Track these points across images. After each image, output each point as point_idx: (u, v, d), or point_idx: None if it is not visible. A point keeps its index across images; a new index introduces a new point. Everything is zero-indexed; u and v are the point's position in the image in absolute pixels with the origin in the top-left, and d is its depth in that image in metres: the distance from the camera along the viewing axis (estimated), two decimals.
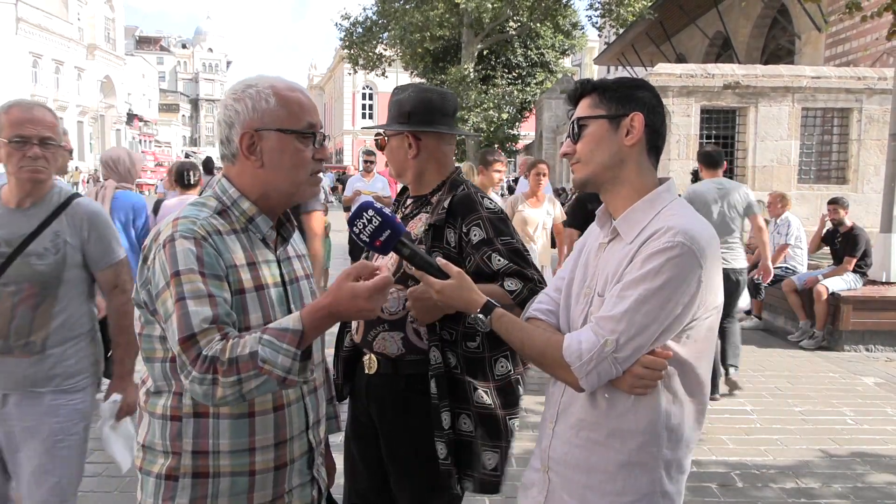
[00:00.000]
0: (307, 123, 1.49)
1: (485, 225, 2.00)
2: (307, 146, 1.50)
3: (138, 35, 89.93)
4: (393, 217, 1.57)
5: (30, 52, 43.04)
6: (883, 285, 7.23)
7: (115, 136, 57.20)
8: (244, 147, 1.47)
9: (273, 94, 1.47)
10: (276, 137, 1.47)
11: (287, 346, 1.29)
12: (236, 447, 1.43)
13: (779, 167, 11.48)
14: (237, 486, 1.44)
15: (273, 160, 1.47)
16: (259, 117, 1.46)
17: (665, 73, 11.32)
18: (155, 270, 1.39)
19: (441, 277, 1.59)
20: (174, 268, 1.35)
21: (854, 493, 3.69)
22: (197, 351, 1.30)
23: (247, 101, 1.47)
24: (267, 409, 1.46)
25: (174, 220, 1.42)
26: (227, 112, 1.48)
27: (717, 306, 1.49)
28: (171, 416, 1.43)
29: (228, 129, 1.48)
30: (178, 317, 1.32)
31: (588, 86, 1.59)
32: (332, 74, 66.94)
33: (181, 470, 1.42)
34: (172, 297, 1.34)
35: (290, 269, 1.59)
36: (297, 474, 1.53)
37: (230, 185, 1.50)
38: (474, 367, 1.99)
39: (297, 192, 1.52)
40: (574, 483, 1.55)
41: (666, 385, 1.47)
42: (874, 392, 5.51)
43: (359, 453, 2.20)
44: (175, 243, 1.37)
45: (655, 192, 1.54)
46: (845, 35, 15.38)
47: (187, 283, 1.34)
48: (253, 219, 1.50)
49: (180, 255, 1.36)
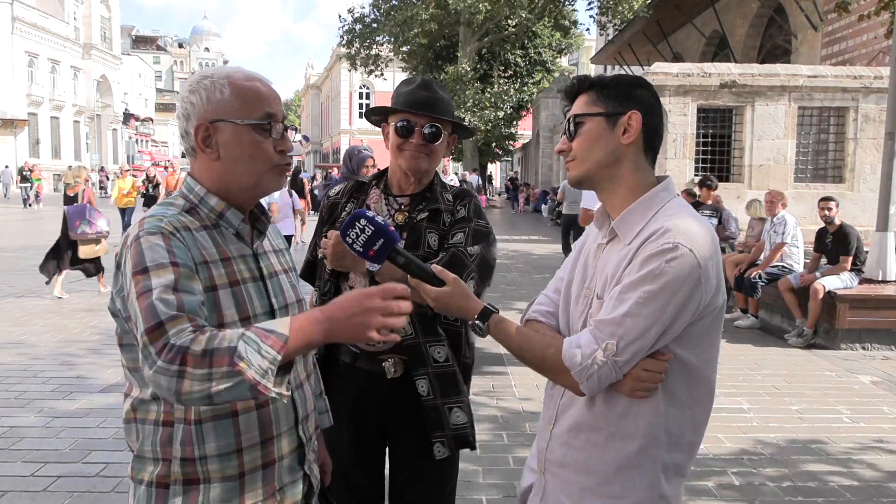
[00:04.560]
0: (264, 114, 1.45)
1: (469, 207, 2.11)
2: (265, 137, 1.45)
3: (135, 34, 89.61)
4: (386, 225, 1.55)
5: (26, 51, 42.92)
6: (879, 284, 7.25)
7: (112, 136, 57.07)
8: (199, 140, 1.43)
9: (228, 85, 1.43)
10: (231, 129, 1.43)
11: (269, 348, 1.20)
12: (223, 450, 1.40)
13: (775, 166, 11.50)
14: (228, 491, 1.41)
15: (229, 153, 1.44)
16: (213, 109, 1.42)
17: (662, 73, 11.33)
18: (125, 273, 1.34)
19: (436, 285, 1.58)
20: (141, 265, 1.30)
21: (851, 490, 3.70)
22: (165, 340, 1.21)
23: (201, 92, 1.43)
24: (250, 407, 1.42)
25: (140, 221, 1.38)
26: (184, 105, 1.45)
27: (719, 306, 1.47)
28: (164, 420, 1.39)
29: (185, 123, 1.44)
30: (144, 308, 1.25)
31: (585, 83, 1.57)
32: (329, 74, 66.81)
33: (171, 477, 1.39)
34: (137, 292, 1.28)
35: (269, 264, 1.55)
36: (286, 471, 1.50)
37: (195, 183, 1.47)
38: (428, 325, 2.02)
39: (259, 183, 1.48)
40: (572, 485, 1.54)
41: (666, 388, 1.46)
42: (870, 390, 5.52)
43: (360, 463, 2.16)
44: (141, 241, 1.33)
45: (653, 192, 1.52)
46: (841, 34, 15.41)
47: (155, 278, 1.28)
48: (223, 214, 1.47)
49: (147, 251, 1.31)
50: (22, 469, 3.78)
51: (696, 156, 11.49)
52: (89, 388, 5.17)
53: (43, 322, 7.40)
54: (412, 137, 2.02)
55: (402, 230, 2.05)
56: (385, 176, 2.17)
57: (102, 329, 7.08)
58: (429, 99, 2.03)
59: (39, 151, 43.34)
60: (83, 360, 5.96)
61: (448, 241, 2.04)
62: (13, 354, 6.07)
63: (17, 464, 3.86)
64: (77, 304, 8.44)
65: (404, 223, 2.07)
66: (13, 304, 8.33)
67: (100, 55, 53.35)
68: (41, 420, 4.52)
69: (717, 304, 1.46)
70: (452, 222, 2.07)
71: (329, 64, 67.00)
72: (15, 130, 40.76)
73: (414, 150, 2.02)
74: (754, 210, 8.97)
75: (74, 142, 49.02)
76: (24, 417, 4.57)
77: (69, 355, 6.09)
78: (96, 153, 51.61)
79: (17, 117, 40.67)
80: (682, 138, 11.30)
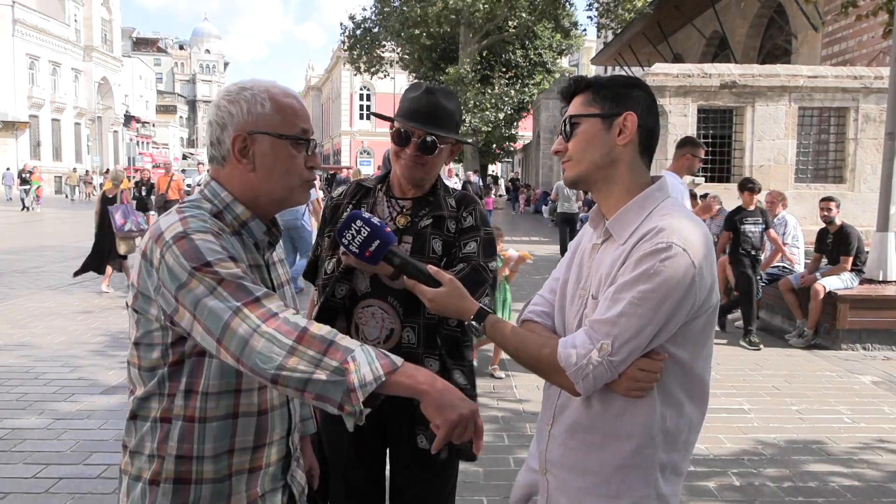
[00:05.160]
0: (301, 129, 1.48)
1: (475, 214, 2.12)
2: (300, 152, 1.48)
3: (135, 36, 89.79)
4: (382, 226, 1.55)
5: (27, 53, 42.99)
6: (880, 284, 7.24)
7: (113, 138, 57.12)
8: (236, 150, 1.45)
9: (269, 99, 1.45)
10: (269, 142, 1.45)
11: (379, 366, 1.24)
12: (218, 450, 1.41)
13: (776, 166, 11.49)
14: (218, 492, 1.42)
15: (265, 164, 1.45)
16: (253, 121, 1.44)
17: (662, 73, 11.33)
18: (169, 269, 1.32)
19: (432, 285, 1.59)
20: (201, 260, 1.30)
21: (851, 491, 3.70)
22: (267, 311, 1.26)
23: (242, 103, 1.44)
24: (252, 412, 1.44)
25: (181, 219, 1.38)
26: (221, 113, 1.45)
27: (713, 306, 1.48)
28: (162, 417, 1.40)
29: (220, 131, 1.46)
30: (234, 289, 1.28)
31: (582, 83, 1.57)
32: (330, 76, 66.88)
33: (163, 475, 1.40)
34: (210, 284, 1.28)
35: (277, 275, 1.59)
36: (269, 479, 1.50)
37: (221, 189, 1.48)
38: (454, 346, 2.05)
39: (290, 197, 1.51)
40: (570, 486, 1.55)
41: (662, 387, 1.46)
42: (871, 391, 5.52)
43: (360, 464, 2.16)
44: (192, 237, 1.33)
45: (648, 192, 1.52)
46: (842, 34, 15.40)
47: (223, 269, 1.29)
48: (246, 223, 1.48)
49: (202, 247, 1.31)
50: (24, 471, 3.79)
51: None
52: (91, 390, 5.18)
53: (44, 324, 7.41)
54: (408, 147, 2.01)
55: (405, 234, 2.05)
56: (388, 178, 2.18)
57: (103, 330, 7.09)
58: (430, 109, 2.01)
59: (40, 154, 43.41)
60: (84, 361, 5.97)
61: (461, 252, 2.04)
62: (15, 356, 6.07)
63: (18, 465, 3.86)
64: (77, 305, 8.45)
65: (406, 226, 2.07)
66: (14, 307, 8.34)
67: (101, 57, 53.41)
68: (43, 422, 4.53)
69: (711, 304, 1.46)
70: (461, 230, 2.08)
71: (330, 65, 67.07)
72: (16, 133, 40.81)
73: (409, 159, 2.02)
74: None
75: (75, 144, 49.09)
76: (26, 419, 4.58)
77: (70, 357, 6.09)
78: (97, 155, 51.64)
79: (18, 119, 40.74)
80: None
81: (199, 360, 1.39)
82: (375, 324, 2.01)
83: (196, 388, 1.39)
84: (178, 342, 1.38)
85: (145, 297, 1.38)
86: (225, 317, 1.26)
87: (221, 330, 1.26)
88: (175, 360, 1.38)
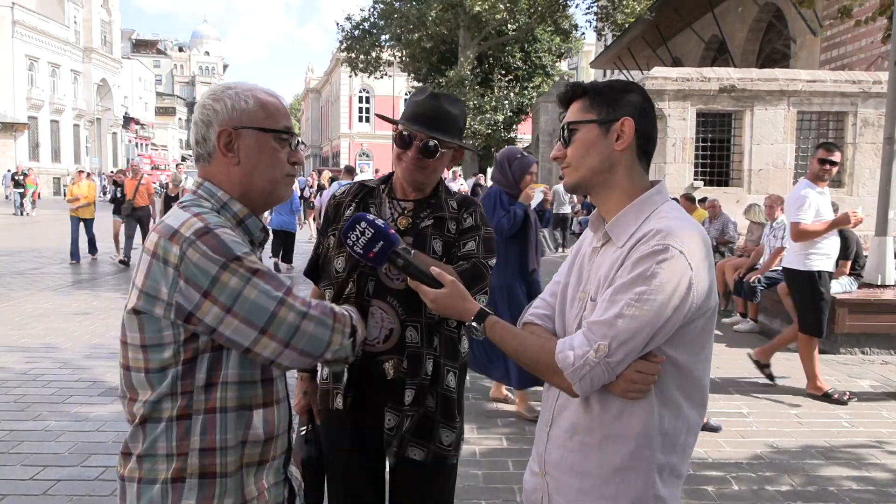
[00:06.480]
0: (284, 126, 1.53)
1: (476, 215, 2.13)
2: (283, 147, 1.53)
3: (135, 38, 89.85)
4: (386, 227, 1.57)
5: (26, 55, 42.97)
6: (878, 288, 7.25)
7: (112, 140, 57.13)
8: (221, 144, 1.48)
9: (252, 97, 1.50)
10: (254, 136, 1.49)
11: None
12: (237, 440, 1.43)
13: (775, 170, 11.50)
14: (236, 484, 1.44)
15: (250, 158, 1.49)
16: (238, 116, 1.48)
17: (661, 77, 11.34)
18: (195, 264, 1.33)
19: (435, 287, 1.61)
20: (230, 254, 1.35)
21: (850, 494, 3.70)
22: (303, 298, 1.41)
23: (226, 100, 1.49)
24: (263, 404, 1.47)
25: (196, 215, 1.40)
26: (206, 111, 1.49)
27: (711, 308, 1.48)
28: (179, 416, 1.40)
29: (206, 129, 1.49)
30: (268, 279, 1.38)
31: (579, 89, 1.59)
32: (329, 78, 66.92)
33: (188, 470, 1.40)
34: (246, 273, 1.35)
35: None
36: (273, 472, 1.53)
37: (216, 188, 1.50)
38: (451, 347, 2.06)
39: (274, 190, 1.54)
40: (569, 487, 1.55)
41: (660, 389, 1.47)
42: (870, 395, 5.52)
43: (360, 465, 2.16)
44: (216, 233, 1.36)
45: (646, 195, 1.54)
46: (840, 39, 15.44)
47: (253, 264, 1.37)
48: (244, 220, 1.51)
49: (229, 242, 1.36)
50: (21, 473, 3.79)
51: (695, 160, 11.49)
52: (89, 392, 5.18)
53: (42, 326, 7.40)
54: (409, 150, 2.02)
55: (406, 234, 2.05)
56: (391, 179, 2.19)
57: (101, 333, 7.09)
58: (434, 113, 2.02)
59: (39, 155, 43.37)
60: (83, 363, 5.96)
61: (461, 250, 2.06)
62: (13, 359, 6.07)
63: (16, 467, 3.86)
64: (76, 307, 8.45)
65: (408, 227, 2.08)
66: (12, 309, 8.34)
67: (100, 59, 53.42)
68: (40, 424, 4.53)
69: (709, 306, 1.47)
70: (461, 230, 2.09)
71: (329, 68, 67.11)
72: (15, 134, 40.79)
73: (410, 162, 2.03)
74: (753, 214, 8.98)
75: (74, 145, 49.06)
76: (24, 421, 4.57)
77: (69, 359, 6.09)
78: (96, 157, 51.64)
79: (17, 121, 40.72)
80: (681, 143, 11.31)
81: (214, 354, 1.40)
82: (375, 324, 2.01)
83: (216, 380, 1.41)
84: (191, 339, 1.38)
85: (150, 297, 1.37)
86: (271, 307, 1.36)
87: (268, 320, 1.36)
88: (188, 358, 1.39)
